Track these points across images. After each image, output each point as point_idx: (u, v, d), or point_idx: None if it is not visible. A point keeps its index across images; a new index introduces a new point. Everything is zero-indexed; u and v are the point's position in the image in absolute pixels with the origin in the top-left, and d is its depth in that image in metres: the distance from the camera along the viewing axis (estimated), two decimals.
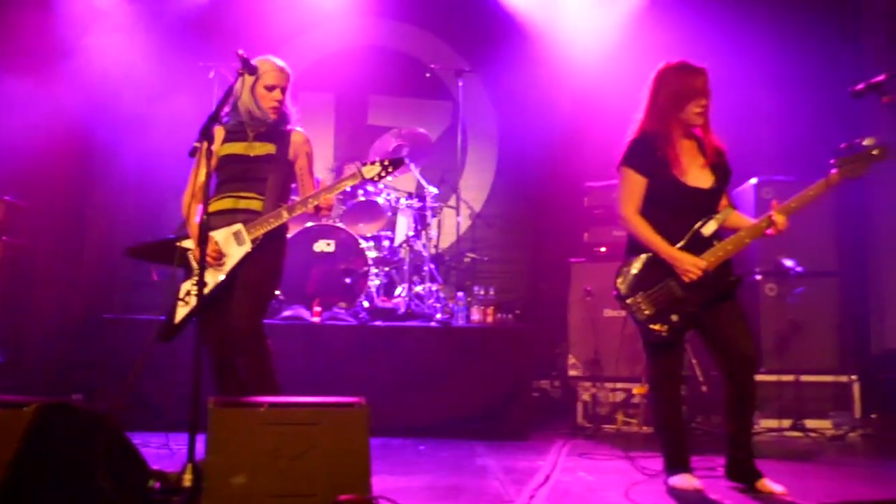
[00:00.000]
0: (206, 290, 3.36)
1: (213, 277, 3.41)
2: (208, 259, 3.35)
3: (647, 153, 3.32)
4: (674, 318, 3.24)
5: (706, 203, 3.33)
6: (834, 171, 3.24)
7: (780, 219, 3.24)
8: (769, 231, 3.26)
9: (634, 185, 3.35)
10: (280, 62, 3.60)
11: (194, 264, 3.39)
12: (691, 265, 3.21)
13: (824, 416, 5.13)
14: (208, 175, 3.09)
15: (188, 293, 3.40)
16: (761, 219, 3.30)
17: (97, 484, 2.56)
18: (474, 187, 7.16)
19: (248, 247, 3.42)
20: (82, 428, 2.67)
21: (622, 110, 3.53)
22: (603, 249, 5.67)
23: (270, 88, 3.54)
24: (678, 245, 3.27)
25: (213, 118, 3.04)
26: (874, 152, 3.21)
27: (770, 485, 3.20)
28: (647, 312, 3.26)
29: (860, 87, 3.27)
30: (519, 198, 7.23)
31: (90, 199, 6.44)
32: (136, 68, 6.26)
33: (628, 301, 3.30)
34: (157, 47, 6.33)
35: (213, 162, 3.49)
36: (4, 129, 5.38)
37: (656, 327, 3.25)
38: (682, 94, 3.27)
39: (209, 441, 2.64)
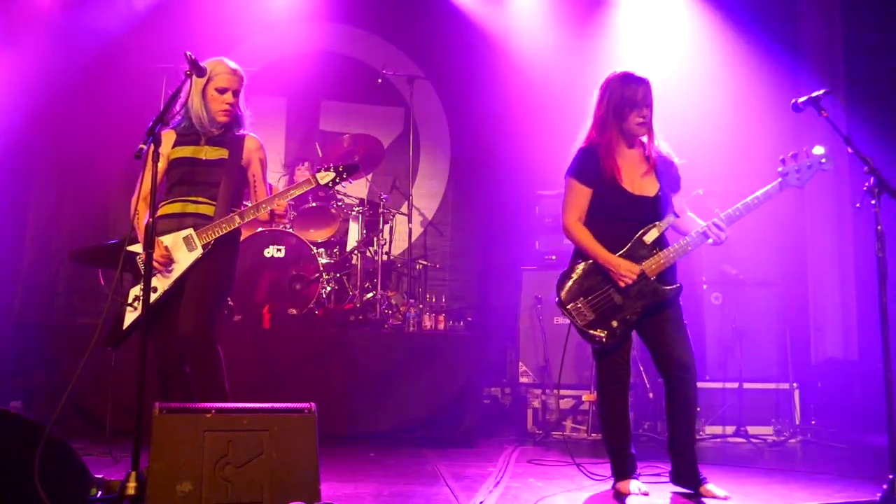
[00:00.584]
0: (156, 296, 3.30)
1: (162, 283, 3.34)
2: (156, 264, 3.28)
3: (593, 163, 3.37)
4: (614, 323, 3.29)
5: (650, 211, 3.39)
6: (780, 179, 3.33)
7: (720, 229, 3.31)
8: (712, 238, 3.32)
9: (578, 195, 3.40)
10: (233, 64, 3.53)
11: (142, 269, 3.32)
12: (626, 271, 3.26)
13: (766, 422, 5.26)
14: (155, 178, 3.02)
15: (137, 298, 3.32)
16: (703, 227, 3.37)
17: (35, 493, 2.48)
18: (426, 194, 7.17)
19: (198, 252, 3.36)
20: (19, 436, 2.58)
21: (574, 119, 3.58)
22: (554, 258, 5.73)
23: (222, 91, 3.47)
24: (620, 252, 3.32)
25: (159, 120, 2.98)
26: (822, 161, 3.30)
27: (714, 489, 3.26)
28: (588, 318, 3.31)
29: (801, 100, 3.36)
30: (471, 205, 7.27)
31: (30, 200, 6.26)
32: (83, 67, 6.12)
33: (569, 307, 3.34)
34: (106, 47, 6.20)
35: (163, 165, 3.43)
36: None
37: (596, 333, 3.29)
38: (624, 104, 3.33)
39: (153, 448, 2.58)
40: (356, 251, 5.88)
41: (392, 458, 4.26)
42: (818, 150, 3.30)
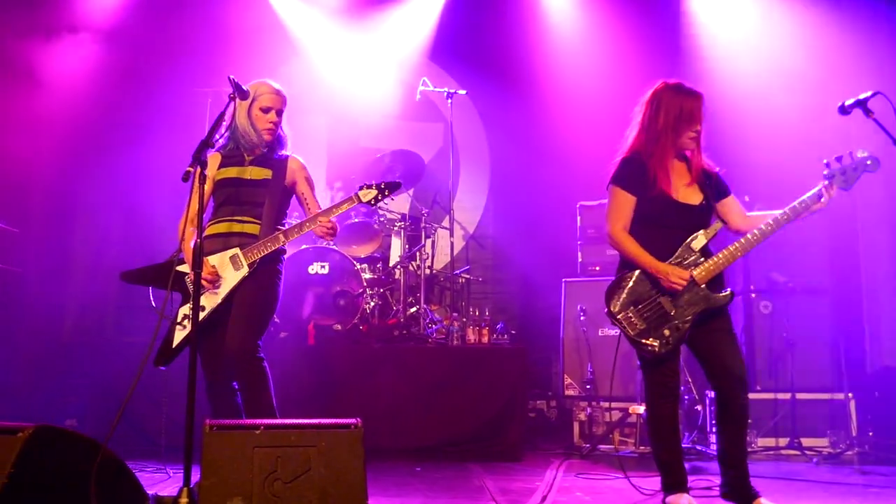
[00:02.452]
0: (204, 314, 3.36)
1: (210, 301, 3.41)
2: (204, 283, 3.35)
3: (638, 172, 3.34)
4: (665, 332, 3.25)
5: (696, 219, 3.36)
6: (826, 181, 3.29)
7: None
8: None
9: (623, 204, 3.38)
10: (276, 85, 3.63)
11: (191, 288, 3.39)
12: (676, 277, 3.23)
13: (821, 434, 5.12)
14: (202, 200, 3.09)
15: (186, 317, 3.39)
16: (752, 233, 3.32)
17: None
18: (467, 208, 7.18)
19: (245, 271, 3.42)
20: (75, 453, 2.64)
21: (615, 129, 3.56)
22: (597, 268, 5.69)
23: (266, 110, 3.56)
24: (669, 261, 3.29)
25: (205, 143, 3.05)
26: (868, 163, 3.27)
27: None
28: (639, 327, 3.27)
29: (848, 103, 3.31)
30: (512, 218, 7.24)
31: (79, 222, 6.42)
32: (127, 91, 6.28)
33: (620, 317, 3.31)
34: (151, 71, 6.37)
35: (209, 186, 3.51)
36: None
37: (649, 342, 3.25)
38: (681, 119, 3.30)
39: (204, 464, 2.62)
40: (399, 266, 5.91)
41: (438, 473, 4.25)
42: (861, 153, 3.28)
